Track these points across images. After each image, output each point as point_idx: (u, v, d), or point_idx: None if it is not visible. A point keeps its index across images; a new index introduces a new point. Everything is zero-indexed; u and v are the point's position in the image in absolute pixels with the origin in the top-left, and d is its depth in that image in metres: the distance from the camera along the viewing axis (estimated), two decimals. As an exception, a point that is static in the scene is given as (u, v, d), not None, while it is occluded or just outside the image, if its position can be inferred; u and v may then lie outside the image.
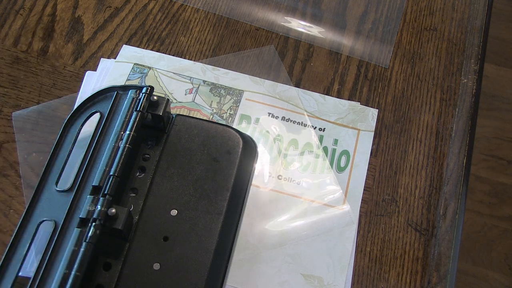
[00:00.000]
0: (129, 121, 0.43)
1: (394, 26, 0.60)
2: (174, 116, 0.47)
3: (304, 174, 0.51)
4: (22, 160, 0.50)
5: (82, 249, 0.37)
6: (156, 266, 0.40)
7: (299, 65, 0.57)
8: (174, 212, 0.42)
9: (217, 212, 0.42)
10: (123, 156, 0.41)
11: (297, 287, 0.46)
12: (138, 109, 0.43)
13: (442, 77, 0.57)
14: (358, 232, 0.49)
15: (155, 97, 0.44)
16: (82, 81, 0.54)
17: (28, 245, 0.41)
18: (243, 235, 0.48)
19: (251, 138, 0.49)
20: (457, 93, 0.56)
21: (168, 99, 0.45)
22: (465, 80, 0.57)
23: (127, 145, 0.41)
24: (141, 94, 0.44)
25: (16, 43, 0.57)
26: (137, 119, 0.43)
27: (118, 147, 0.42)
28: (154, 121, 0.45)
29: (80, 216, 0.38)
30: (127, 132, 0.42)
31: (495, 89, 1.35)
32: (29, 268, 0.44)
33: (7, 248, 0.41)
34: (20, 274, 0.40)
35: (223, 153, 0.45)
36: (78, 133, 0.46)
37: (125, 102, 0.44)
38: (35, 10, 0.59)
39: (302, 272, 0.47)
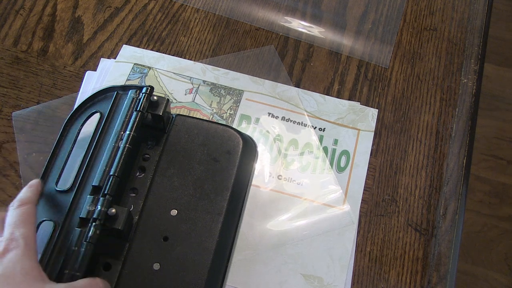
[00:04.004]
0: (129, 121, 0.43)
1: (394, 26, 0.60)
2: (174, 116, 0.47)
3: (304, 174, 0.51)
4: (22, 160, 0.50)
5: (82, 249, 0.37)
6: (156, 266, 0.40)
7: (299, 65, 0.57)
8: (174, 212, 0.42)
9: (217, 212, 0.42)
10: (123, 156, 0.41)
11: (297, 287, 0.46)
12: (138, 109, 0.43)
13: (442, 77, 0.57)
14: (358, 232, 0.49)
15: (155, 97, 0.44)
16: (82, 81, 0.54)
17: None
18: (243, 235, 0.48)
19: (251, 138, 0.49)
20: (457, 93, 0.56)
21: (168, 99, 0.45)
22: (465, 80, 0.57)
23: (127, 145, 0.41)
24: (141, 94, 0.44)
25: (16, 43, 0.57)
26: (137, 119, 0.43)
27: (118, 147, 0.42)
28: (154, 121, 0.45)
29: (80, 216, 0.38)
30: (127, 132, 0.42)
31: (495, 89, 1.35)
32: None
33: None
34: None
35: (223, 153, 0.45)
36: (78, 133, 0.46)
37: (125, 102, 0.44)
38: (35, 10, 0.59)
39: (302, 272, 0.47)
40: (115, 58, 0.56)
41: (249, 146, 0.47)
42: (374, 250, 0.49)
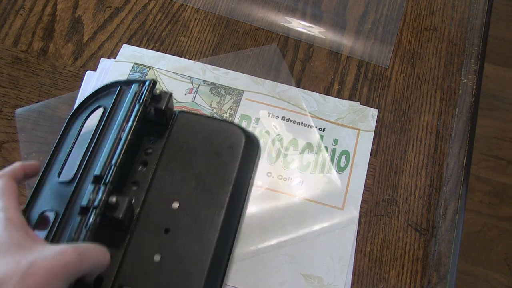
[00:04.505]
0: (131, 113, 0.43)
1: (394, 26, 0.60)
2: (177, 112, 0.47)
3: (304, 174, 0.51)
4: (22, 160, 0.50)
5: (82, 237, 0.37)
6: (157, 257, 0.40)
7: (299, 65, 0.57)
8: (175, 205, 0.42)
9: (219, 206, 0.43)
10: (125, 146, 0.41)
11: (297, 287, 0.46)
12: (140, 101, 0.43)
13: (442, 77, 0.57)
14: (358, 232, 0.49)
15: (157, 91, 0.44)
16: (82, 81, 0.54)
17: None
18: (243, 235, 0.48)
19: (253, 135, 0.49)
20: (457, 93, 0.56)
21: (171, 93, 0.45)
22: (465, 80, 0.57)
23: (129, 136, 0.42)
24: (144, 87, 0.44)
25: (16, 43, 0.57)
26: (140, 111, 0.43)
27: (120, 138, 0.42)
28: (156, 116, 0.45)
29: (81, 204, 0.39)
30: (129, 123, 0.42)
31: (495, 89, 1.35)
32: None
33: None
34: None
35: (226, 148, 0.45)
36: (82, 127, 0.46)
37: (128, 96, 0.45)
38: (35, 10, 0.59)
39: (302, 272, 0.47)
40: (115, 58, 0.56)
41: (251, 142, 0.47)
42: (374, 250, 0.49)
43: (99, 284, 0.39)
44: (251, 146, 0.47)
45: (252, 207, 0.49)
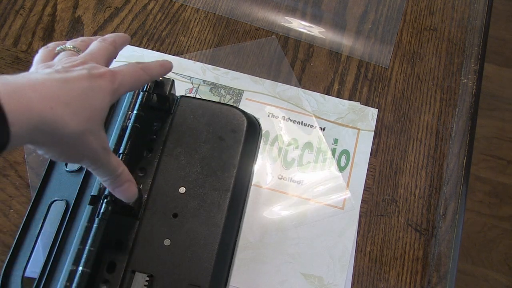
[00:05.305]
0: (136, 101, 0.44)
1: (394, 26, 0.60)
2: (179, 97, 0.47)
3: (304, 173, 0.51)
4: (21, 161, 0.50)
5: (95, 225, 0.38)
6: (167, 242, 0.41)
7: (299, 65, 0.57)
8: (182, 190, 0.43)
9: (225, 189, 0.43)
10: (132, 135, 0.42)
11: (297, 286, 0.46)
12: (144, 89, 0.44)
13: (442, 77, 0.57)
14: (358, 232, 0.49)
15: (160, 78, 0.45)
16: (82, 81, 0.54)
17: (40, 224, 0.42)
18: (244, 235, 0.48)
19: (254, 117, 0.49)
20: (457, 93, 0.56)
21: (173, 80, 0.45)
22: (465, 80, 0.57)
23: (135, 124, 0.42)
24: None
25: (16, 43, 0.57)
26: (144, 99, 0.43)
27: (126, 126, 0.42)
28: (159, 102, 0.45)
29: (92, 193, 0.39)
30: (135, 111, 0.43)
31: (495, 89, 1.35)
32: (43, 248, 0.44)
33: (20, 230, 0.42)
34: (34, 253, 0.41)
35: (228, 132, 0.46)
36: None
37: None
38: (35, 10, 0.59)
39: (302, 272, 0.47)
40: (115, 58, 0.56)
41: (253, 125, 0.48)
42: (374, 250, 0.49)
43: (112, 270, 0.39)
44: (253, 128, 0.48)
45: (252, 207, 0.49)
